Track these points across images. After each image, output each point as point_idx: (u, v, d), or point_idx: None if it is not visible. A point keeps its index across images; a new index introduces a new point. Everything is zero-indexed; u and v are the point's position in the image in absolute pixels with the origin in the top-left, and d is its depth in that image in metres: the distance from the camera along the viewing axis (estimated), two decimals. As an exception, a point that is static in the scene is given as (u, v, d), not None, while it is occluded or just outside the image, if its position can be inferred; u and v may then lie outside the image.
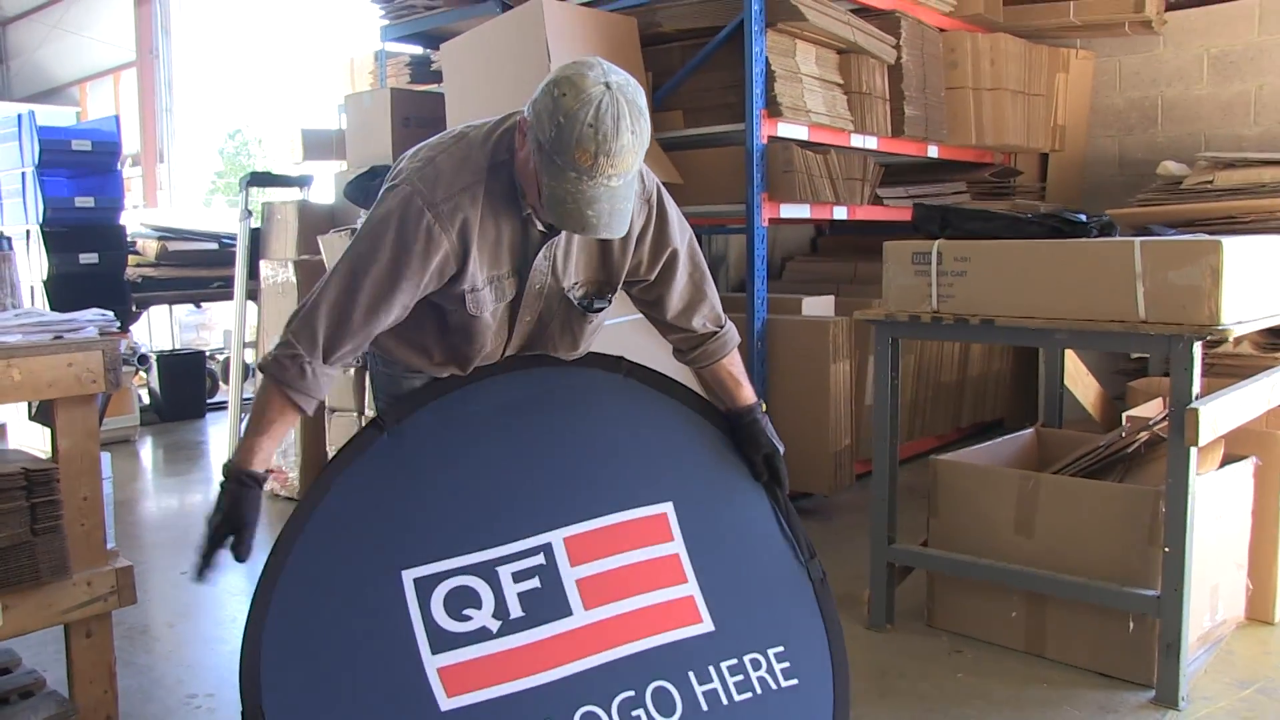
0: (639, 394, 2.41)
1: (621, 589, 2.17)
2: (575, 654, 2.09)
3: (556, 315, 2.27)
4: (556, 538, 2.18)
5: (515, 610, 2.09)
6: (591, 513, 2.23)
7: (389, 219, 2.02)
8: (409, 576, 2.07)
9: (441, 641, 2.03)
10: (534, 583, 2.13)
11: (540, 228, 2.11)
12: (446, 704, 1.98)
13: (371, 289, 2.02)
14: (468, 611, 2.07)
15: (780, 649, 2.23)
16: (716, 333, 2.40)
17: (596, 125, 1.84)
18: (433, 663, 2.01)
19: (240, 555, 2.00)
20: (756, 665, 2.20)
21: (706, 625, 2.20)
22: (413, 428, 2.23)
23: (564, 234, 2.14)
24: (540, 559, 2.15)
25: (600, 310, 2.29)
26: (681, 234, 2.29)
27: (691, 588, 2.22)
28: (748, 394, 2.44)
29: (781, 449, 2.42)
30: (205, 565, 2.01)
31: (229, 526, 1.99)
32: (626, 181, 1.92)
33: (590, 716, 2.05)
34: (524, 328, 2.26)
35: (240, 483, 2.01)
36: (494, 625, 2.07)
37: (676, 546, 2.25)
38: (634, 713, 2.07)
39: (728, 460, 2.40)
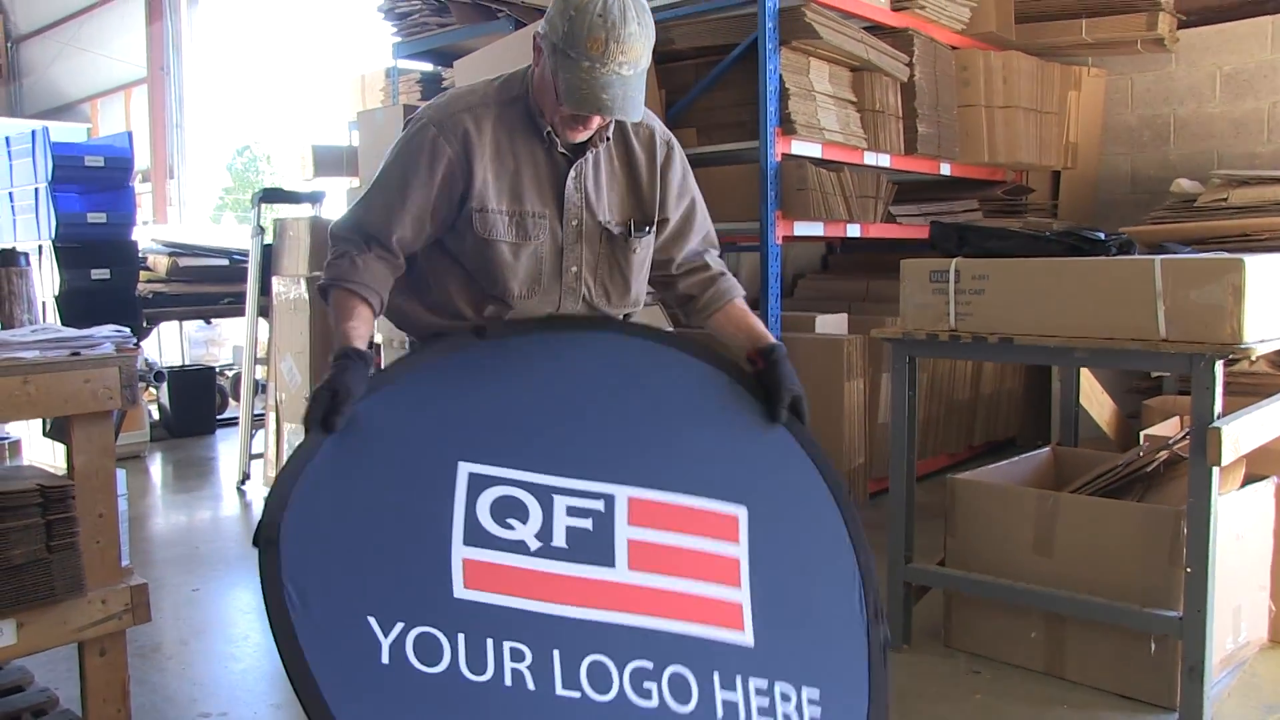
0: (730, 389, 2.36)
1: (671, 566, 2.10)
2: (603, 603, 2.01)
3: (602, 255, 2.30)
4: (622, 493, 2.12)
5: (559, 540, 2.04)
6: (664, 484, 2.17)
7: (402, 142, 2.23)
8: (465, 469, 2.04)
9: (476, 537, 1.98)
10: (586, 523, 2.07)
11: (562, 149, 2.19)
12: (460, 592, 1.91)
13: (384, 194, 2.20)
14: (511, 521, 2.02)
15: (816, 692, 2.10)
16: (724, 273, 2.47)
17: (605, 15, 1.98)
18: (460, 551, 1.95)
19: (334, 424, 1.94)
20: (786, 698, 2.08)
21: (746, 638, 2.10)
22: (511, 344, 2.25)
23: (590, 162, 2.23)
24: (600, 505, 2.10)
25: (642, 238, 2.32)
26: (697, 191, 2.46)
27: (743, 595, 2.13)
28: (767, 332, 2.44)
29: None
30: (312, 428, 1.97)
31: (331, 390, 1.96)
32: (637, 73, 2.04)
33: (599, 666, 1.95)
34: (571, 280, 2.28)
35: (349, 356, 2.04)
36: (533, 544, 2.01)
37: (740, 551, 2.16)
38: (645, 684, 1.97)
39: (811, 478, 2.32)
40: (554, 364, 2.27)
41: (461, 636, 1.86)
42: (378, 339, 4.69)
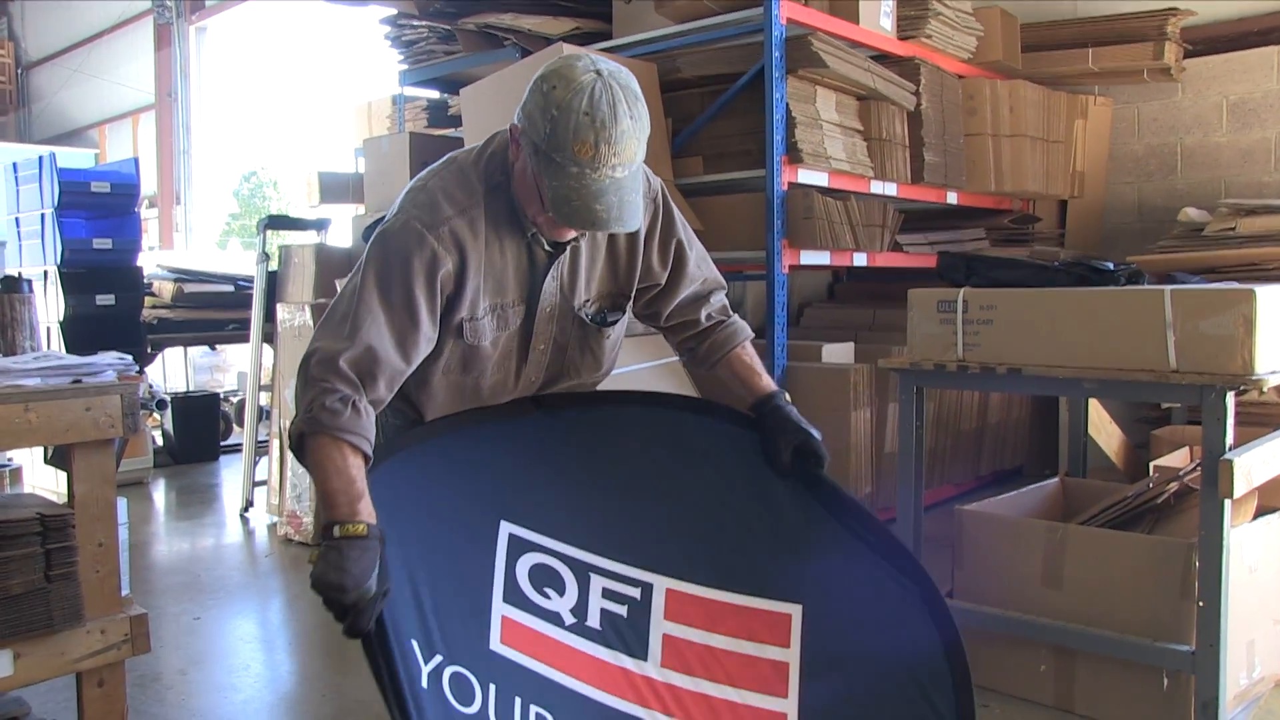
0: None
1: (708, 670, 1.97)
2: (632, 696, 1.93)
3: (573, 337, 2.19)
4: (660, 584, 2.03)
5: (593, 620, 1.97)
6: (707, 579, 2.05)
7: (394, 250, 1.94)
8: (506, 529, 1.99)
9: (514, 597, 1.93)
10: (620, 609, 1.99)
11: (546, 248, 2.04)
12: (495, 645, 1.87)
13: (392, 317, 1.91)
14: (549, 590, 1.97)
15: None
16: (723, 321, 2.32)
17: (593, 113, 1.77)
18: (500, 608, 1.91)
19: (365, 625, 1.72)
20: None
21: None
22: (566, 418, 2.19)
23: (570, 252, 2.08)
24: (636, 593, 2.01)
25: (615, 323, 2.22)
26: (684, 226, 2.24)
27: (789, 706, 1.96)
28: (768, 383, 2.28)
29: (817, 434, 2.21)
30: (363, 627, 1.72)
31: (384, 590, 1.73)
32: (632, 172, 1.85)
33: None
34: (538, 356, 2.18)
35: (383, 540, 1.77)
36: (568, 619, 1.96)
37: (791, 655, 1.99)
38: None
39: (870, 564, 2.08)
40: (602, 441, 2.20)
41: (493, 687, 1.84)
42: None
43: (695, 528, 2.13)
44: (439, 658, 1.80)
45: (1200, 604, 2.80)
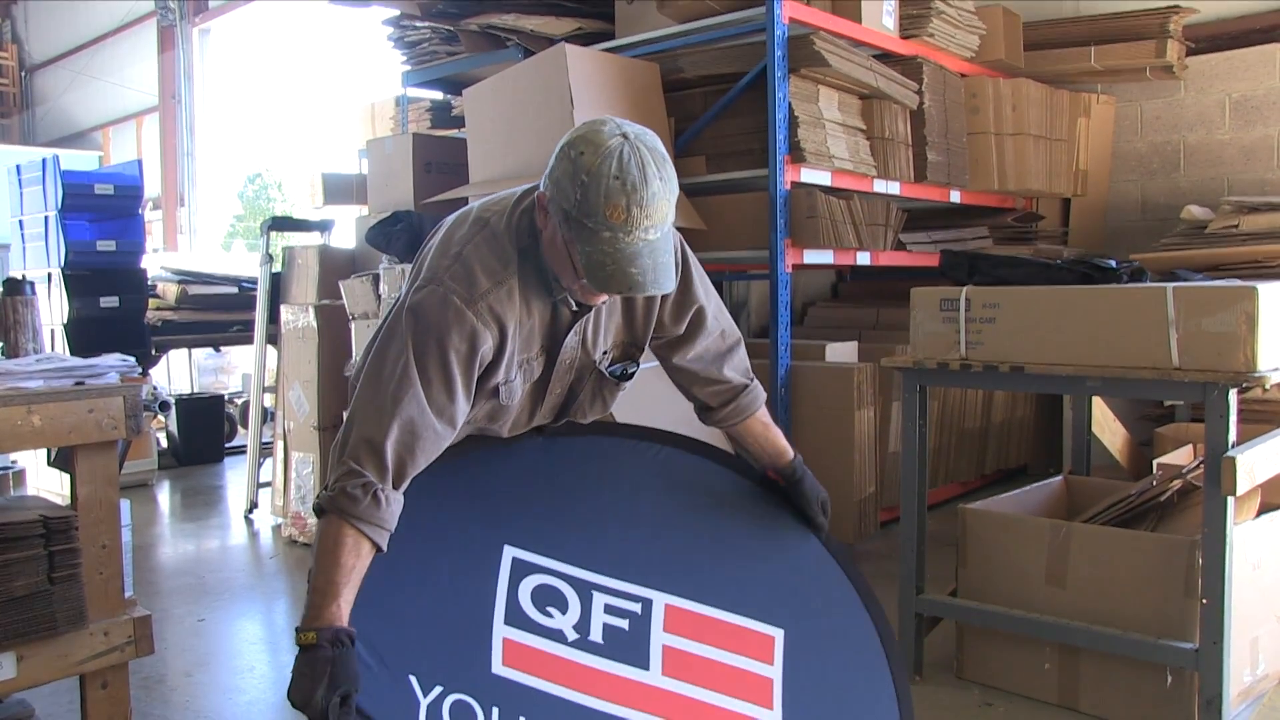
0: (773, 509, 2.42)
1: (704, 678, 2.08)
2: (635, 704, 2.00)
3: (587, 383, 2.23)
4: (659, 599, 2.14)
5: (596, 635, 2.05)
6: (702, 597, 2.18)
7: (433, 325, 1.90)
8: (509, 553, 2.07)
9: (516, 619, 2.00)
10: (623, 623, 2.08)
11: (573, 308, 2.05)
12: (498, 669, 1.93)
13: (436, 399, 1.90)
14: (551, 610, 2.05)
15: None
16: (748, 385, 2.36)
17: (623, 177, 1.77)
18: (501, 630, 1.98)
19: None
20: None
21: None
22: (568, 443, 2.28)
23: (593, 310, 2.10)
24: (637, 608, 2.12)
25: (633, 375, 2.26)
26: (706, 291, 2.25)
27: (774, 717, 2.10)
28: (787, 446, 2.42)
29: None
30: None
31: (341, 694, 1.71)
32: (664, 233, 1.85)
33: None
34: (553, 399, 2.21)
35: (340, 643, 1.75)
36: (571, 635, 2.03)
37: (773, 673, 2.15)
38: None
39: (853, 605, 2.34)
40: (605, 467, 2.30)
41: (496, 710, 1.89)
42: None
43: (689, 553, 2.26)
44: (439, 688, 1.86)
45: (1204, 601, 2.80)
